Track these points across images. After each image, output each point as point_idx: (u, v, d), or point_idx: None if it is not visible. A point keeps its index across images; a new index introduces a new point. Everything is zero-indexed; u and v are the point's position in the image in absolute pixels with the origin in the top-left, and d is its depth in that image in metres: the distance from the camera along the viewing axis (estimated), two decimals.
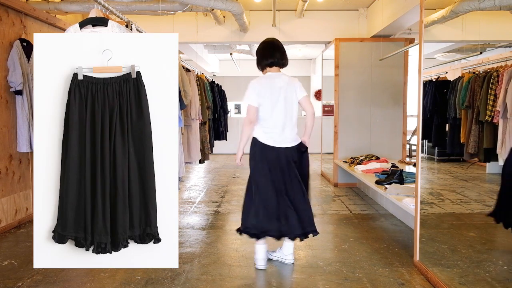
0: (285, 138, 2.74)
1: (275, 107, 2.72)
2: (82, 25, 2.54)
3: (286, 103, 2.73)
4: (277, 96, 2.72)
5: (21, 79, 3.64)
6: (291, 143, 2.75)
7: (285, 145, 2.73)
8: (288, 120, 2.74)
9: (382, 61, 5.72)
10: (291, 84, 2.76)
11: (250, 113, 2.73)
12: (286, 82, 2.75)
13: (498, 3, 3.65)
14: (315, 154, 9.52)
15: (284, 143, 2.74)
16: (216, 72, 12.40)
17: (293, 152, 2.75)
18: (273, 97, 2.72)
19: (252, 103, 2.72)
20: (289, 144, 2.74)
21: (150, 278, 2.63)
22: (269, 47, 2.80)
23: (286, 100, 2.73)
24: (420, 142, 2.85)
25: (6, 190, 3.69)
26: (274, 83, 2.74)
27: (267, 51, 2.79)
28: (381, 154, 5.68)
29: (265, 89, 2.73)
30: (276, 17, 6.31)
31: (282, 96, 2.72)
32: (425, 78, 5.62)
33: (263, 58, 2.79)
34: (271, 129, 2.74)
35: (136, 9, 5.18)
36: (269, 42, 2.83)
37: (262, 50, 2.81)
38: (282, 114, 2.73)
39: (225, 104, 7.04)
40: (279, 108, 2.72)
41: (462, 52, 5.87)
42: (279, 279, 2.69)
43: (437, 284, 2.48)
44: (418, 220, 2.77)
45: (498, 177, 4.96)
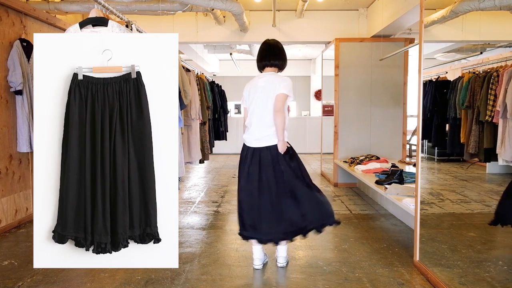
0: (260, 138, 2.67)
1: (251, 106, 2.71)
2: (82, 25, 2.54)
3: (261, 102, 2.67)
4: (254, 95, 2.70)
5: (21, 79, 3.64)
6: (266, 142, 2.66)
7: (261, 144, 2.67)
8: (264, 119, 2.66)
9: (382, 61, 5.73)
10: (273, 82, 2.67)
11: (244, 115, 2.80)
12: (269, 81, 2.68)
13: (498, 3, 3.65)
14: (315, 154, 9.53)
15: (260, 142, 2.67)
16: (216, 72, 12.40)
17: (265, 152, 2.66)
18: (251, 97, 2.72)
19: (243, 103, 2.81)
20: (264, 144, 2.66)
21: (150, 278, 2.63)
22: (265, 49, 2.78)
23: (262, 99, 2.67)
24: (420, 142, 2.85)
25: (6, 190, 3.69)
26: (257, 83, 2.72)
27: (265, 52, 2.77)
28: (381, 154, 5.68)
29: (250, 90, 2.74)
30: (276, 17, 6.31)
31: (258, 95, 2.68)
32: (425, 78, 5.62)
33: (261, 59, 2.78)
34: (249, 128, 2.73)
35: (136, 9, 5.18)
36: (266, 44, 2.81)
37: (262, 51, 2.79)
38: (257, 113, 2.68)
39: (225, 104, 7.05)
40: (254, 107, 2.70)
41: (462, 52, 5.87)
42: (279, 279, 2.69)
43: (437, 284, 2.48)
44: (418, 220, 2.77)
45: (498, 177, 4.97)
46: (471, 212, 4.17)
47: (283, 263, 2.83)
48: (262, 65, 2.76)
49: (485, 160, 4.31)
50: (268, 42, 2.82)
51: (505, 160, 3.85)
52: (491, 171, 4.95)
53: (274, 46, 2.78)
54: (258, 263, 2.79)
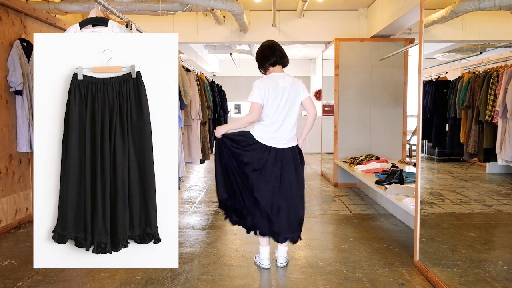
0: (282, 139, 2.72)
1: (278, 107, 2.70)
2: (82, 25, 2.54)
3: (288, 104, 2.71)
4: (280, 97, 2.70)
5: (21, 79, 3.64)
6: (287, 144, 2.74)
7: (281, 146, 2.72)
8: (288, 121, 2.73)
9: (382, 61, 5.73)
10: (295, 85, 2.74)
11: (254, 111, 2.67)
12: (290, 83, 2.73)
13: (498, 3, 3.65)
14: (315, 154, 9.53)
15: (281, 144, 2.72)
16: (216, 72, 12.40)
17: (289, 153, 2.74)
18: (276, 98, 2.70)
19: (258, 100, 2.68)
20: (285, 145, 2.73)
21: (150, 278, 2.63)
22: (269, 47, 2.80)
23: (288, 101, 2.71)
24: (420, 142, 2.85)
25: (6, 190, 3.69)
26: (278, 84, 2.72)
27: (267, 51, 2.78)
28: (381, 154, 5.68)
29: (269, 89, 2.70)
30: (276, 17, 6.31)
31: (285, 97, 2.71)
32: (425, 78, 5.62)
33: (264, 58, 2.79)
34: (269, 128, 2.72)
35: (136, 9, 5.18)
36: (267, 44, 2.84)
37: (262, 52, 2.81)
38: (283, 114, 2.71)
39: (225, 104, 7.04)
40: (281, 108, 2.70)
41: (462, 52, 5.88)
42: (279, 279, 2.69)
43: (437, 284, 2.48)
44: (418, 220, 2.77)
45: (498, 177, 4.97)
46: (471, 212, 4.17)
47: (283, 263, 2.84)
48: (272, 62, 2.77)
49: (485, 160, 4.31)
50: (269, 42, 2.85)
51: (505, 160, 3.86)
52: (491, 171, 4.96)
53: (276, 44, 2.83)
54: (267, 263, 2.80)
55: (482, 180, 5.06)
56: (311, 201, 4.95)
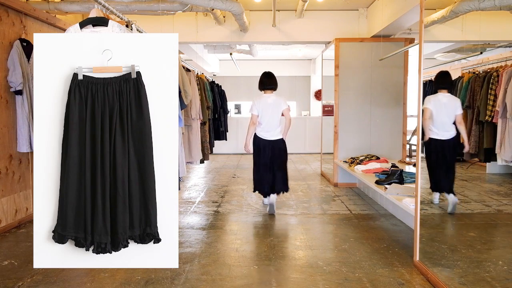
0: (273, 134, 4.37)
1: (267, 116, 4.33)
2: (82, 25, 2.54)
3: (273, 114, 4.35)
4: (267, 109, 4.33)
5: (21, 79, 3.64)
6: (276, 137, 4.38)
7: (273, 138, 4.37)
8: (274, 123, 4.36)
9: (382, 61, 5.73)
10: (277, 101, 4.36)
11: (253, 119, 4.37)
12: (274, 100, 4.37)
13: (498, 3, 3.65)
14: (315, 154, 9.54)
15: (272, 137, 4.37)
16: (216, 72, 12.40)
17: (278, 143, 4.38)
18: (266, 110, 4.34)
19: (255, 112, 4.36)
20: (275, 138, 4.38)
21: (150, 278, 2.63)
22: (267, 77, 4.39)
23: (273, 112, 4.35)
24: (420, 142, 2.85)
25: (6, 190, 3.69)
26: (267, 101, 4.36)
27: (265, 79, 4.39)
28: (381, 154, 5.68)
29: (262, 104, 4.35)
30: (276, 17, 6.31)
31: (270, 109, 4.34)
32: (425, 78, 5.62)
33: (263, 83, 4.40)
34: (264, 127, 4.36)
35: (136, 9, 5.18)
36: (265, 74, 4.41)
37: (263, 79, 4.40)
38: (271, 120, 4.34)
39: (225, 104, 7.04)
40: (269, 116, 4.33)
41: (462, 52, 5.87)
42: (279, 279, 2.69)
43: (437, 284, 2.49)
44: (418, 220, 2.77)
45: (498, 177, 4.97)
46: (471, 212, 4.17)
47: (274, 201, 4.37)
48: (266, 88, 4.39)
49: (485, 160, 4.31)
50: (267, 73, 4.42)
51: (505, 160, 3.85)
52: (491, 171, 4.96)
53: (271, 75, 4.43)
54: (266, 202, 4.50)
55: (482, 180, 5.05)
56: (311, 201, 4.96)
